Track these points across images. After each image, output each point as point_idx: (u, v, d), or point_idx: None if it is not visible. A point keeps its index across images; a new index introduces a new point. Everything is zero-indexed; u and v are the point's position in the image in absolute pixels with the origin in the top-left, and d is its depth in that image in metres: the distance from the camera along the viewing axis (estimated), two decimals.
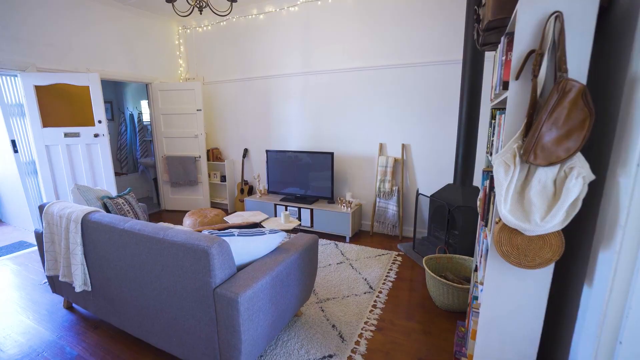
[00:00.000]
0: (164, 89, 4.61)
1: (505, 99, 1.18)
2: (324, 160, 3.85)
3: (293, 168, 4.10)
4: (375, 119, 3.79)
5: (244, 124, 4.75)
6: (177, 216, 4.76)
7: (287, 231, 2.98)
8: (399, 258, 3.25)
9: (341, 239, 3.75)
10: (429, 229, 3.39)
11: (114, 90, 5.98)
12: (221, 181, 4.93)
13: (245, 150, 4.79)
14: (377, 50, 3.63)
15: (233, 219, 3.18)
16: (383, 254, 3.32)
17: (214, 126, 5.05)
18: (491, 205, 1.22)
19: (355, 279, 2.82)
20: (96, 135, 3.58)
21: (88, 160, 3.61)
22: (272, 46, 4.26)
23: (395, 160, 3.70)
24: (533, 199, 0.95)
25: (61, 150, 3.52)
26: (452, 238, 3.00)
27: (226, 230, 1.73)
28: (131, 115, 5.89)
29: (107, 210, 2.32)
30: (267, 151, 4.19)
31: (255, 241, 1.76)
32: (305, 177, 4.04)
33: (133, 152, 6.04)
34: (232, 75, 4.66)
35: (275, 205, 4.08)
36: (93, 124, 3.58)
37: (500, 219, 1.05)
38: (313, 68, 4.03)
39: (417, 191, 3.31)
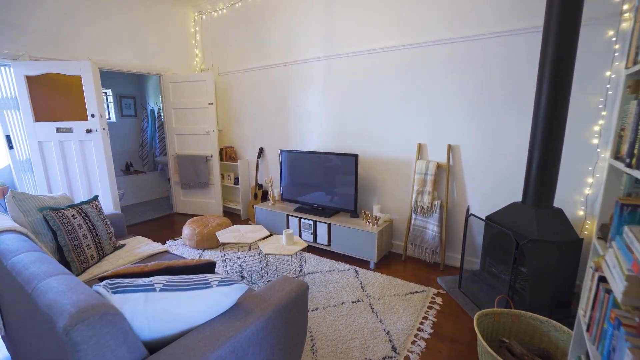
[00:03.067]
0: (175, 80, 4.17)
1: None
2: (346, 164, 3.10)
3: (310, 172, 3.40)
4: (414, 113, 2.95)
5: (260, 119, 4.16)
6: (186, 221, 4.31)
7: (293, 254, 2.29)
8: (439, 299, 2.40)
9: (364, 264, 2.97)
10: (483, 262, 2.48)
11: (137, 86, 5.77)
12: (235, 184, 4.40)
13: (261, 150, 4.19)
14: (418, 22, 2.79)
15: (225, 235, 2.57)
16: (417, 291, 2.48)
17: (229, 122, 4.54)
18: None
19: (374, 329, 2.04)
20: (89, 131, 3.19)
21: (81, 158, 3.25)
22: (291, 27, 3.59)
23: (439, 165, 2.83)
24: None
25: (53, 147, 3.19)
26: (520, 282, 2.08)
27: (144, 281, 1.08)
28: (152, 111, 5.62)
29: (49, 226, 1.82)
30: (280, 151, 3.55)
31: (193, 299, 1.09)
32: (324, 184, 3.32)
33: (153, 149, 5.77)
34: (247, 63, 4.08)
35: (288, 216, 3.41)
36: (86, 118, 3.20)
37: None
38: (337, 50, 3.29)
39: (468, 209, 2.42)
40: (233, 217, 4.44)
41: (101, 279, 1.21)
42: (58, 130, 3.16)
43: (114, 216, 2.44)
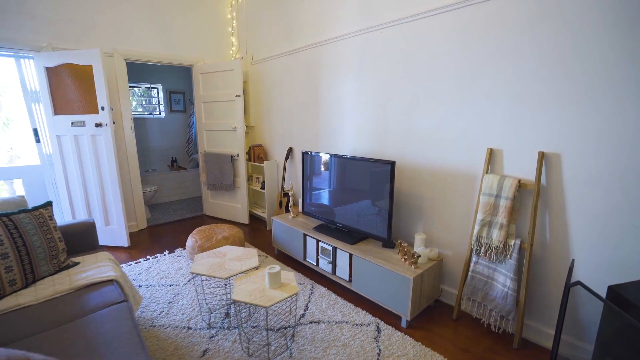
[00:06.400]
0: (204, 71, 3.81)
1: None
2: (380, 174, 2.25)
3: (336, 181, 2.64)
4: (483, 102, 1.94)
5: (289, 114, 3.52)
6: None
7: (270, 305, 1.59)
8: None
9: (393, 318, 2.09)
10: (599, 357, 1.40)
11: (187, 81, 5.69)
12: (262, 188, 3.86)
13: (290, 150, 3.56)
14: None
15: (202, 262, 1.98)
16: None
17: (260, 118, 4.01)
18: None
19: None
20: (98, 125, 2.96)
21: (93, 153, 3.05)
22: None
23: (521, 184, 1.79)
24: None
25: (69, 141, 3.05)
26: None
27: None
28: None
29: None
30: (303, 153, 2.85)
31: None
32: (352, 198, 2.52)
33: (197, 145, 5.64)
34: (278, 48, 3.48)
35: (305, 236, 2.70)
36: (97, 112, 2.98)
37: None
38: (376, 20, 2.44)
39: (572, 266, 1.37)
40: (259, 225, 3.92)
41: None
42: (73, 123, 3.01)
43: (80, 225, 2.05)
